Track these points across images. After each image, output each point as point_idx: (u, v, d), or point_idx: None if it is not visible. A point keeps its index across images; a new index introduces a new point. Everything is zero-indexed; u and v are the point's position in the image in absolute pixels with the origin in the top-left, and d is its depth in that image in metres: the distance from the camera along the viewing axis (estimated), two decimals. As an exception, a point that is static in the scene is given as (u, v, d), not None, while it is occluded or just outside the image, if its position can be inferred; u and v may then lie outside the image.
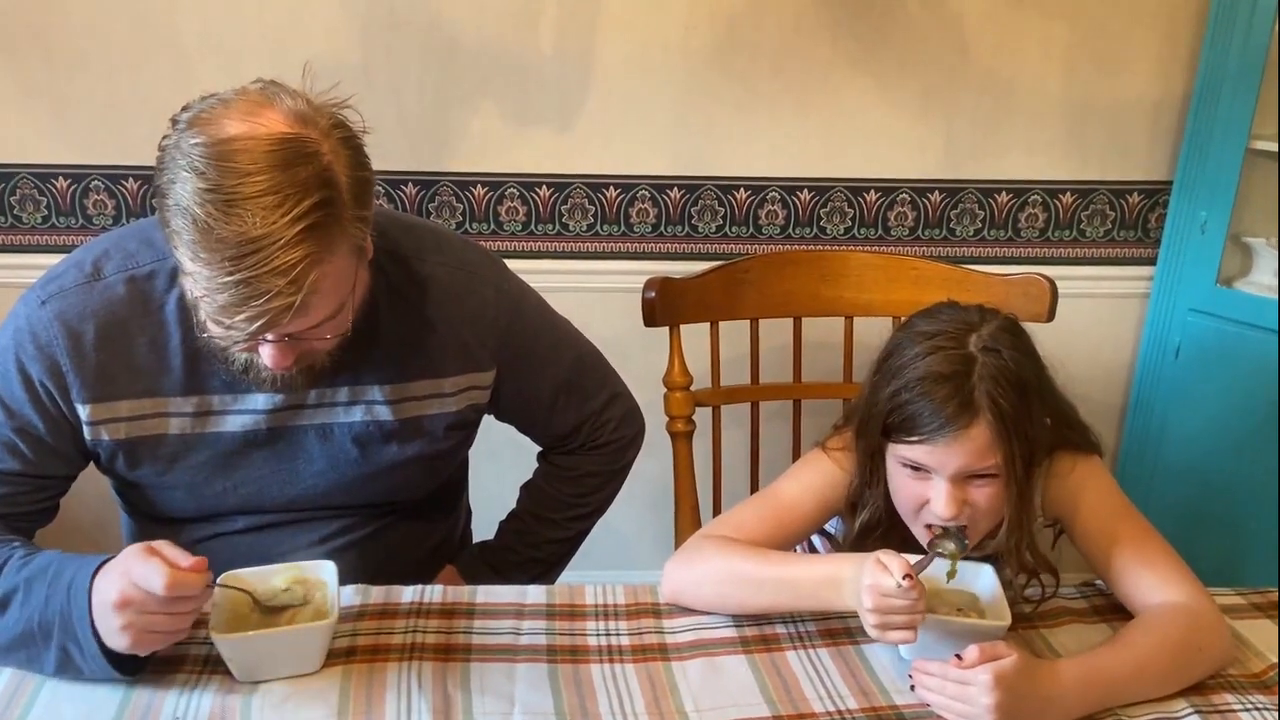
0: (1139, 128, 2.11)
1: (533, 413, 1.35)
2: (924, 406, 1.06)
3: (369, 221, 1.02)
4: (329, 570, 1.05)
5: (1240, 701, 1.03)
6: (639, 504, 2.28)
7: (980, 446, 1.05)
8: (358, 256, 1.02)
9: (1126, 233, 2.19)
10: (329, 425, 1.18)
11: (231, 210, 0.90)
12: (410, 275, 1.18)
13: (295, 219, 0.91)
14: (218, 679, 1.00)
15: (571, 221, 2.10)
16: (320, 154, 0.95)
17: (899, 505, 1.15)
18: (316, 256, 0.93)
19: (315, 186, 0.93)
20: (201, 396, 1.13)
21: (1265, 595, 1.22)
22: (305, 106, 0.97)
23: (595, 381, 1.39)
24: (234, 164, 0.91)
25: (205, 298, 0.94)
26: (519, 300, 1.27)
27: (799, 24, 1.99)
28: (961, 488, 1.08)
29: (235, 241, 0.90)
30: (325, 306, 0.99)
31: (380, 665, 1.03)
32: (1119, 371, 2.28)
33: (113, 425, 1.12)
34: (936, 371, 1.07)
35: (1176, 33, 2.05)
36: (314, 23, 1.93)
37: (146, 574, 0.90)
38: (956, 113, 2.07)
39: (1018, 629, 1.11)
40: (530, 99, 2.01)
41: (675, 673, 1.05)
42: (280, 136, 0.93)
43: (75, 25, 1.91)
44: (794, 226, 2.13)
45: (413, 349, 1.19)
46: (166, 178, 0.94)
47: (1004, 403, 1.05)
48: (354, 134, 1.01)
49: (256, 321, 0.93)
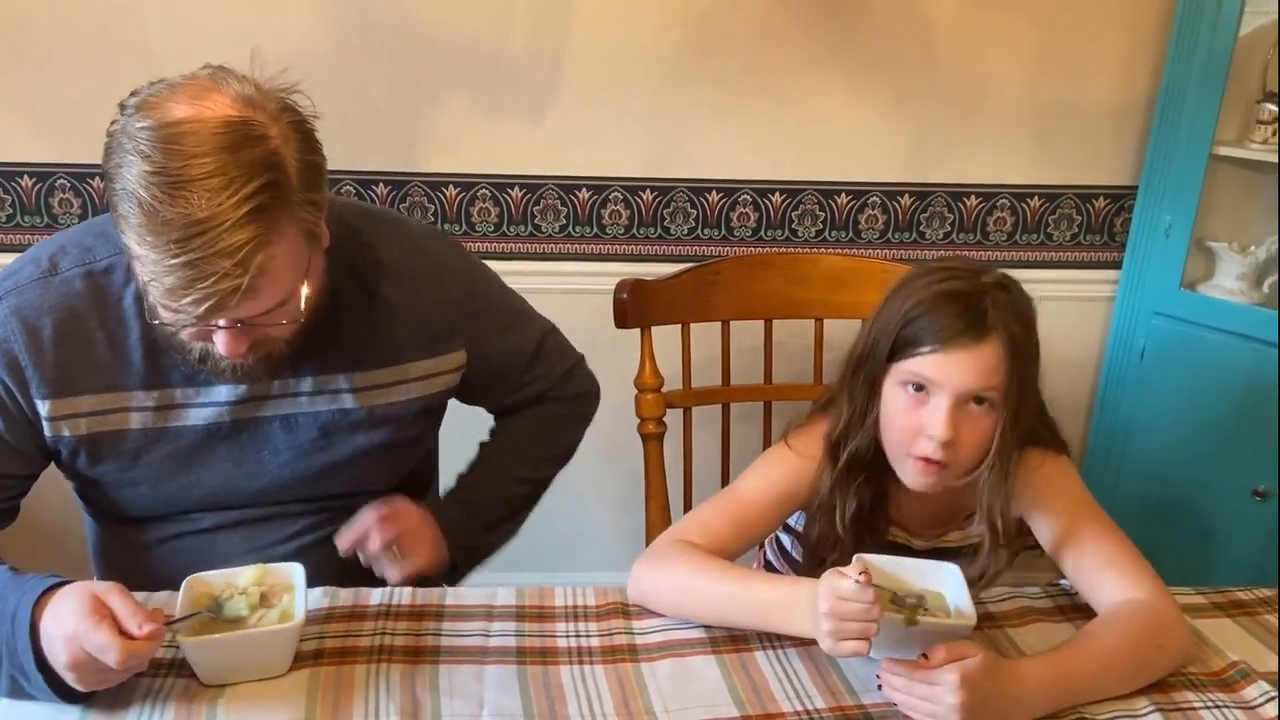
0: (1105, 133, 2.14)
1: (506, 381, 1.35)
2: (938, 318, 1.08)
3: (321, 206, 1.02)
4: (296, 572, 1.05)
5: (1201, 699, 1.05)
6: (610, 505, 2.29)
7: (988, 365, 1.07)
8: (310, 241, 1.02)
9: (1093, 236, 2.22)
10: (293, 415, 1.18)
11: (178, 192, 0.90)
12: (371, 262, 1.19)
13: (241, 200, 0.91)
14: (183, 682, 0.99)
15: (544, 222, 2.10)
16: (268, 137, 0.95)
17: (892, 437, 1.14)
18: (264, 238, 0.93)
19: (262, 169, 0.93)
20: (163, 390, 1.13)
21: (1225, 595, 1.24)
22: (253, 91, 0.98)
23: (562, 347, 1.42)
24: (180, 146, 0.91)
25: (153, 282, 0.94)
26: (476, 277, 1.29)
27: (771, 25, 2.00)
28: (958, 414, 1.08)
29: (181, 224, 0.90)
30: (276, 291, 0.99)
31: (348, 668, 1.03)
32: (1085, 373, 2.31)
33: (73, 421, 1.11)
34: (951, 290, 1.08)
35: (1141, 39, 2.08)
36: (284, 21, 1.92)
37: (101, 647, 0.89)
38: (926, 116, 2.09)
39: (983, 628, 1.12)
40: (503, 99, 2.01)
41: (644, 673, 1.05)
42: (227, 119, 0.93)
43: (42, 24, 1.88)
44: (766, 229, 2.14)
45: (377, 336, 1.19)
46: (114, 162, 0.94)
47: (1015, 329, 1.07)
48: (304, 118, 1.01)
49: (204, 304, 0.93)
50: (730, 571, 1.12)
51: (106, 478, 1.16)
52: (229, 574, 1.04)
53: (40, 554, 1.64)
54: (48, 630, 0.92)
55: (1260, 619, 1.20)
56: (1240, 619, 1.19)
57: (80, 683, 0.92)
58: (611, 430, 2.16)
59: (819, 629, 0.98)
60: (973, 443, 1.10)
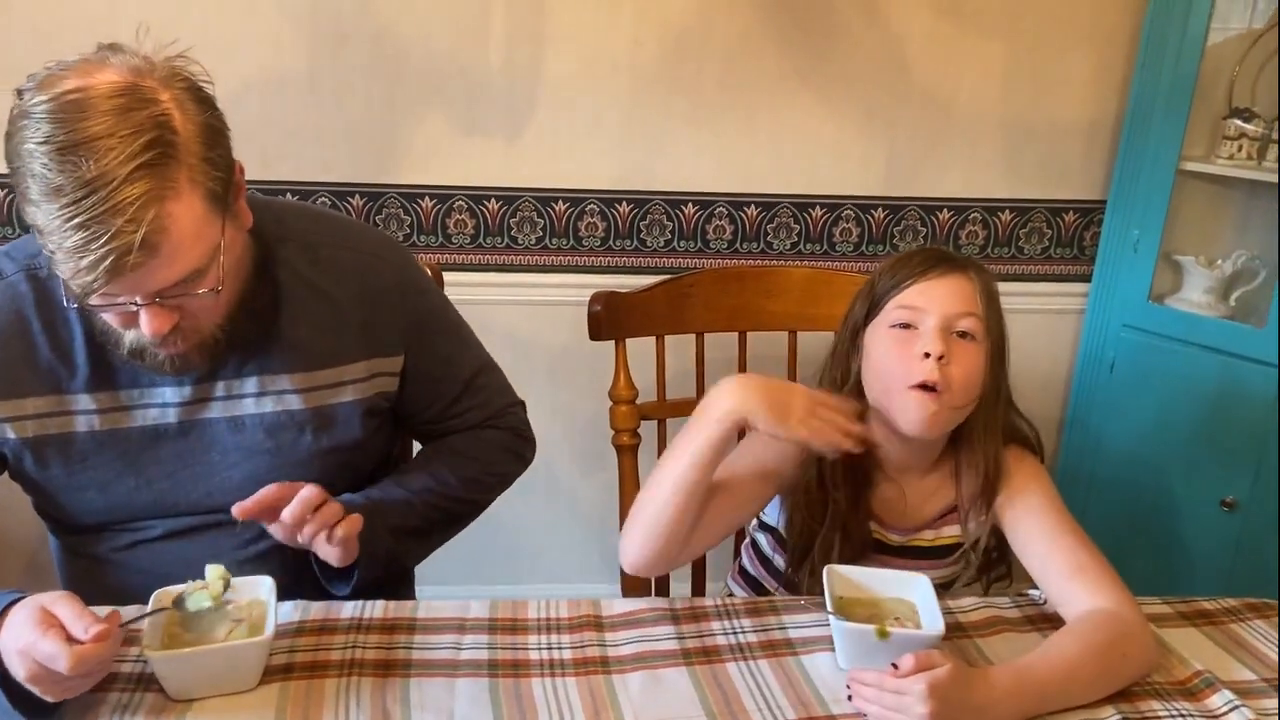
0: (1074, 148, 2.17)
1: (440, 398, 1.31)
2: (913, 260, 1.19)
3: (225, 169, 1.03)
4: (266, 585, 1.04)
5: (1166, 708, 1.06)
6: (582, 519, 2.29)
7: (967, 293, 1.16)
8: (217, 205, 1.02)
9: (1062, 250, 2.25)
10: (239, 418, 1.18)
11: (66, 157, 0.92)
12: (315, 260, 1.20)
13: (129, 157, 0.93)
14: (150, 697, 0.98)
15: (520, 235, 2.10)
16: (157, 100, 0.97)
17: (884, 382, 1.18)
18: (156, 193, 0.94)
19: (150, 128, 0.95)
20: (109, 392, 1.13)
21: (1191, 604, 1.26)
22: (141, 61, 1.00)
23: (503, 386, 1.39)
24: (69, 115, 0.93)
25: (56, 253, 0.95)
26: (424, 287, 1.30)
27: (746, 41, 2.02)
28: (946, 341, 1.14)
29: (73, 187, 0.92)
30: (185, 256, 0.99)
31: (318, 682, 1.02)
32: (1056, 385, 2.34)
33: (18, 424, 1.12)
34: (922, 248, 1.20)
35: (1110, 56, 2.11)
36: (260, 32, 1.92)
37: (50, 655, 0.88)
38: (898, 131, 2.12)
39: (952, 638, 1.13)
40: (479, 111, 2.01)
41: (616, 685, 1.05)
42: (115, 85, 0.96)
43: (10, 36, 1.87)
44: (741, 241, 2.16)
45: (320, 335, 1.20)
46: (14, 142, 0.95)
47: (987, 282, 1.17)
48: (196, 83, 1.03)
49: (101, 264, 0.93)
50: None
51: (55, 483, 1.16)
52: (196, 586, 1.03)
53: (7, 568, 1.62)
54: (5, 647, 0.91)
55: (1225, 628, 1.21)
56: (1206, 629, 1.21)
57: (48, 695, 0.91)
58: (585, 442, 2.17)
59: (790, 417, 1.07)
60: (963, 372, 1.15)
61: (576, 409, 1.55)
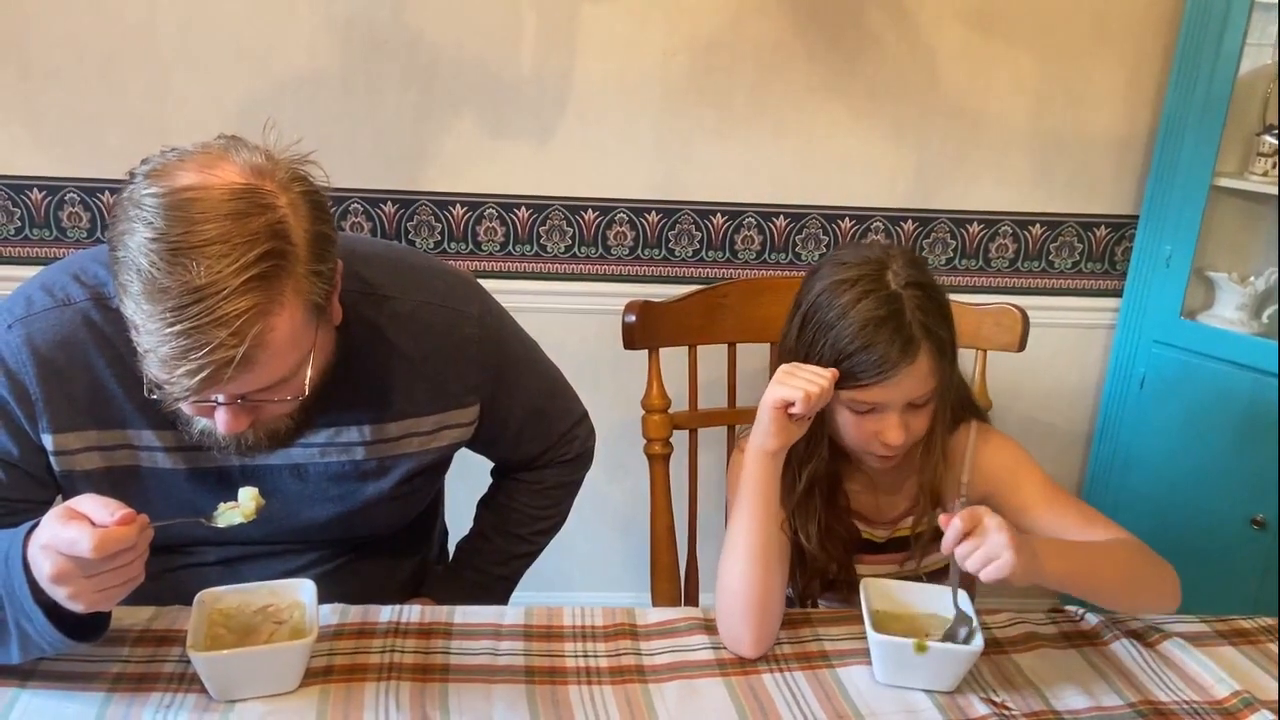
0: (1106, 162, 2.16)
1: (502, 439, 1.32)
2: (872, 353, 1.14)
3: (329, 279, 0.99)
4: (307, 589, 1.05)
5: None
6: (611, 526, 2.29)
7: (924, 374, 1.17)
8: (316, 315, 0.98)
9: (1094, 265, 2.24)
10: (303, 466, 1.16)
11: (177, 259, 0.87)
12: (389, 314, 1.15)
13: (242, 268, 0.88)
14: (194, 697, 0.99)
15: (549, 243, 2.11)
16: (275, 206, 0.92)
17: (849, 442, 1.23)
18: (263, 308, 0.90)
19: (266, 237, 0.90)
20: (173, 431, 1.09)
21: (1228, 622, 1.25)
22: (263, 160, 0.95)
23: (562, 408, 1.39)
24: (184, 213, 0.89)
25: (149, 352, 0.90)
26: (501, 331, 1.26)
27: (775, 52, 2.03)
28: (905, 415, 1.19)
29: (179, 291, 0.87)
30: (277, 366, 0.95)
31: (358, 685, 1.03)
32: (1085, 400, 2.32)
33: (85, 455, 1.09)
34: (872, 316, 1.15)
35: (1142, 70, 2.11)
36: (294, 40, 1.94)
37: (72, 540, 0.86)
38: (928, 143, 2.11)
39: (988, 653, 1.12)
40: (510, 120, 2.03)
41: (653, 695, 1.06)
42: (233, 186, 0.91)
43: (52, 37, 1.90)
44: (770, 252, 2.16)
45: (393, 389, 1.16)
46: (120, 229, 0.91)
47: (937, 330, 1.17)
48: (315, 188, 0.98)
49: (198, 375, 0.89)
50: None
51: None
52: (241, 589, 1.05)
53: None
54: (31, 554, 0.89)
55: (1263, 647, 1.20)
56: (1244, 647, 1.20)
57: (77, 599, 0.88)
58: (612, 450, 2.17)
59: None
60: (918, 430, 1.22)
61: (603, 417, 1.55)
